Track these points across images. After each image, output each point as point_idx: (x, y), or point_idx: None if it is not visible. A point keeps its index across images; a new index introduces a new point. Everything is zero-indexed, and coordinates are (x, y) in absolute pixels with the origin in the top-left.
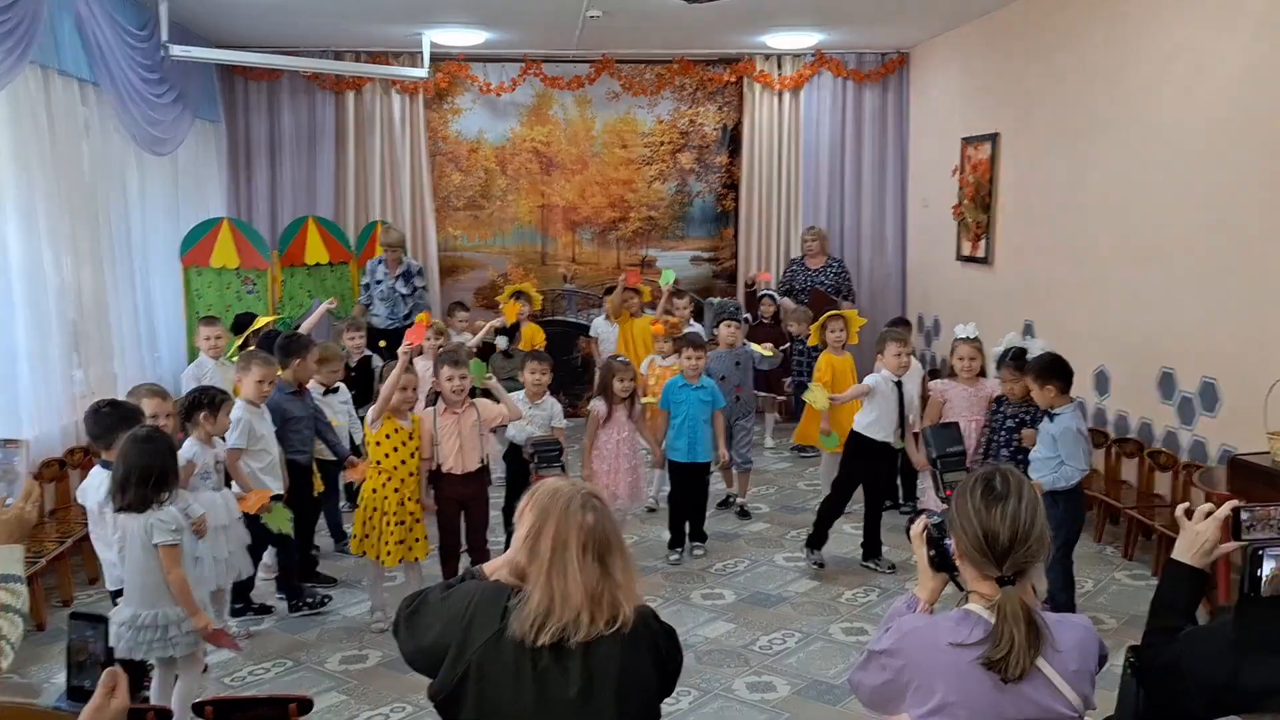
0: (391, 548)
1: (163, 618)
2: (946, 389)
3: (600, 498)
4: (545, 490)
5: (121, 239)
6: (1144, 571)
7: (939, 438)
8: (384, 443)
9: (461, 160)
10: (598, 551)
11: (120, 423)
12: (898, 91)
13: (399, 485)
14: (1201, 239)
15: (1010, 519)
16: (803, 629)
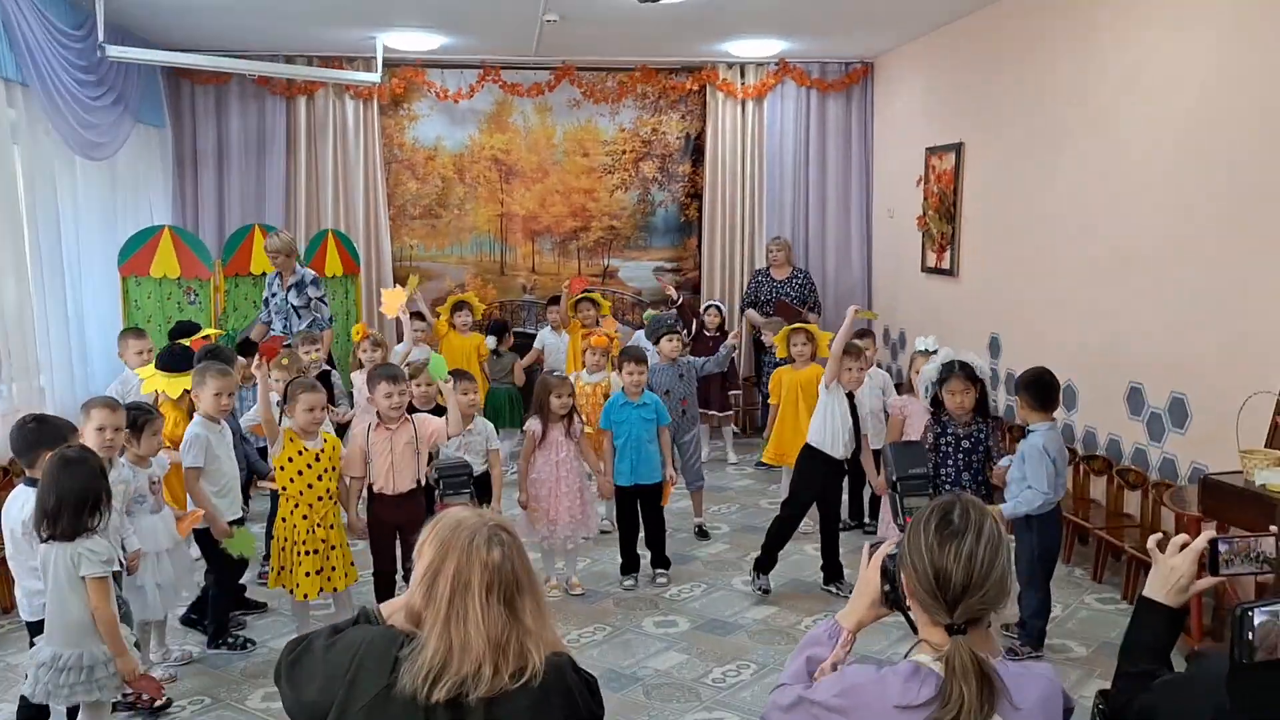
0: (300, 579)
1: (88, 658)
2: (906, 404)
3: (509, 531)
4: (447, 522)
5: (51, 247)
6: (1114, 595)
7: (901, 457)
8: (288, 466)
9: (418, 168)
10: (504, 593)
11: (45, 440)
12: (861, 101)
13: (308, 512)
14: (1170, 251)
15: (965, 559)
16: (758, 659)
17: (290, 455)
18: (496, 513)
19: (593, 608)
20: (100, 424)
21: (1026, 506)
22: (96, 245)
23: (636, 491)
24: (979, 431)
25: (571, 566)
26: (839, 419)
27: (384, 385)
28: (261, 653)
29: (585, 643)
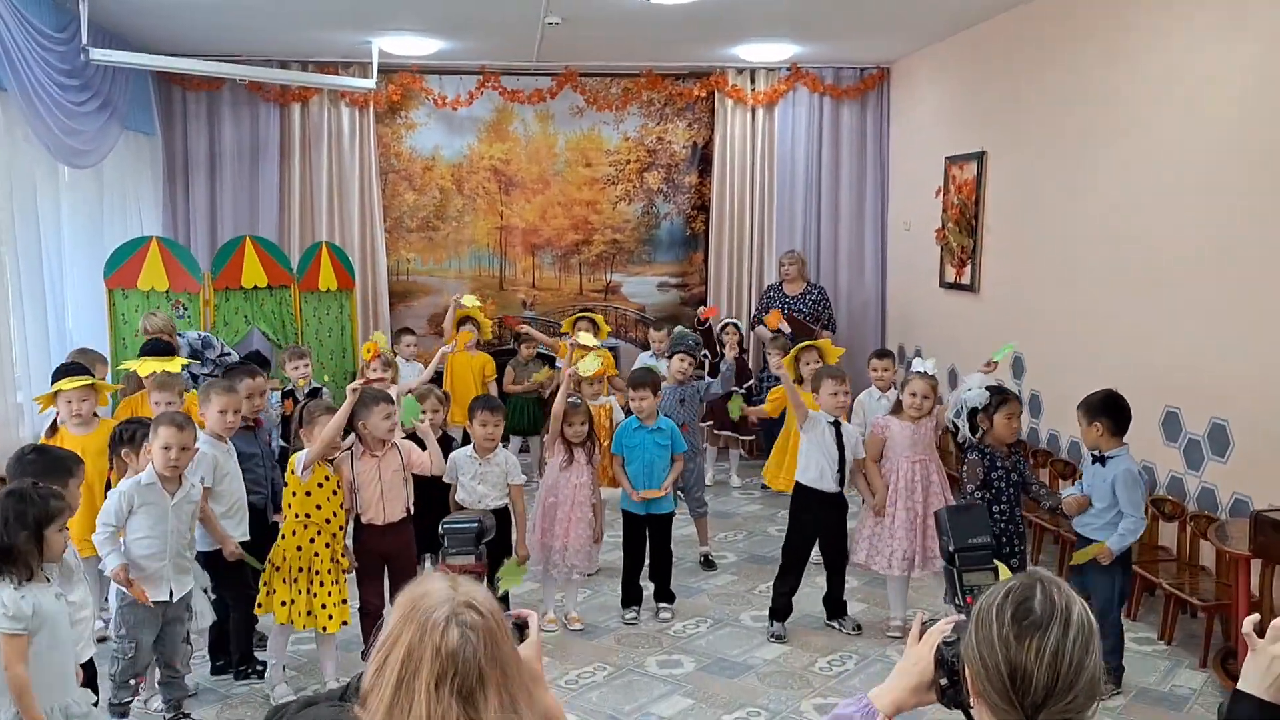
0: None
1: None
2: (889, 424)
3: (480, 610)
4: (416, 589)
5: (31, 257)
6: (1150, 634)
7: (958, 524)
8: (315, 492)
9: (415, 178)
10: (459, 685)
11: (45, 473)
12: (878, 108)
13: (330, 540)
14: (1208, 266)
15: (1051, 656)
16: (770, 706)
17: (319, 480)
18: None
19: (593, 644)
20: (167, 443)
21: (1133, 537)
22: (82, 256)
23: (647, 520)
24: (1019, 462)
25: (571, 599)
26: (824, 452)
27: (383, 406)
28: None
29: (584, 684)
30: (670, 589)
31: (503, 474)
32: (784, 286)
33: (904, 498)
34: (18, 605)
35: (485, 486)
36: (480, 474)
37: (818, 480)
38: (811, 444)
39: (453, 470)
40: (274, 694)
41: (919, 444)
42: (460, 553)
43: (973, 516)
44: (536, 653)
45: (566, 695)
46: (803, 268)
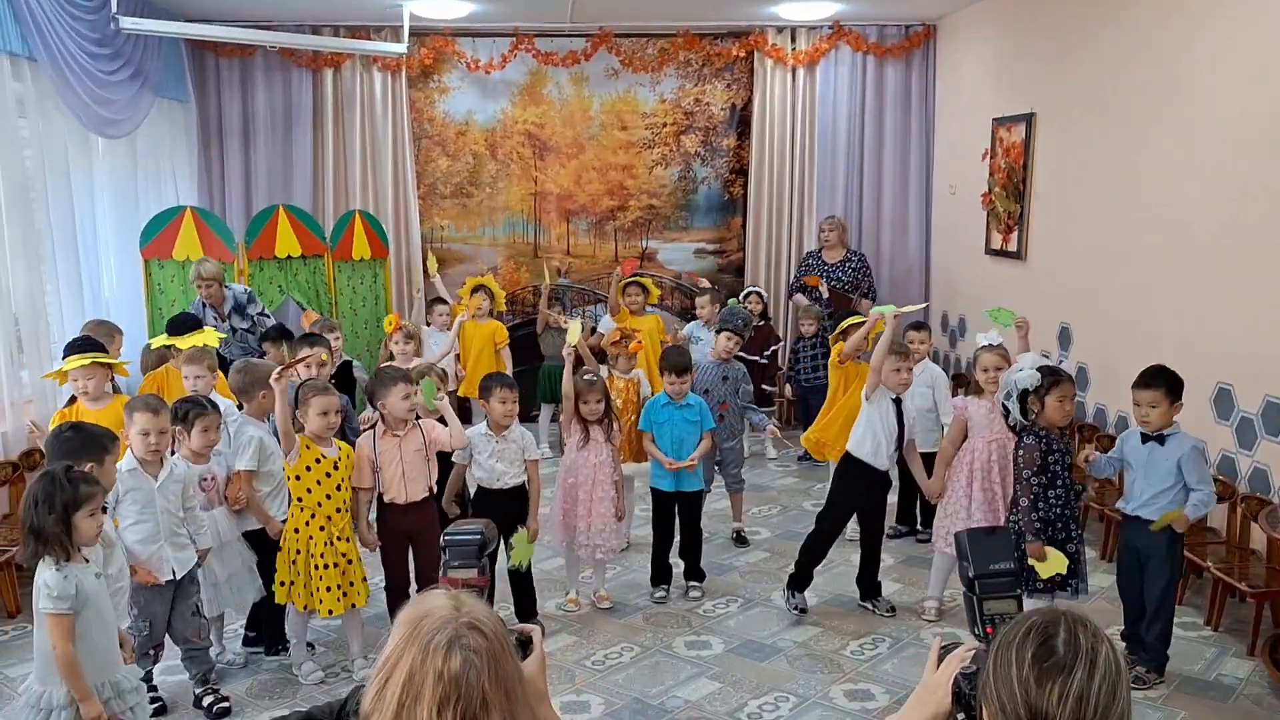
0: (323, 596)
1: (47, 700)
2: (967, 405)
3: (484, 631)
4: (417, 609)
5: (65, 228)
6: (1195, 619)
7: (978, 548)
8: (305, 476)
9: (449, 143)
10: (462, 711)
11: (81, 451)
12: (923, 67)
13: (325, 523)
14: (1268, 238)
15: (1074, 702)
16: (798, 691)
17: (308, 463)
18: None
19: (621, 624)
20: (144, 428)
21: (1206, 509)
22: (118, 226)
23: (676, 498)
24: (1068, 444)
25: (600, 577)
26: (884, 428)
27: (402, 386)
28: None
29: (611, 665)
30: (700, 567)
31: (520, 450)
32: (823, 254)
33: (980, 479)
34: (61, 585)
35: (504, 464)
36: (498, 452)
37: (872, 456)
38: (874, 417)
39: (465, 451)
40: (301, 672)
41: (996, 422)
42: (463, 565)
43: (996, 541)
44: (540, 669)
45: (593, 676)
46: (843, 234)
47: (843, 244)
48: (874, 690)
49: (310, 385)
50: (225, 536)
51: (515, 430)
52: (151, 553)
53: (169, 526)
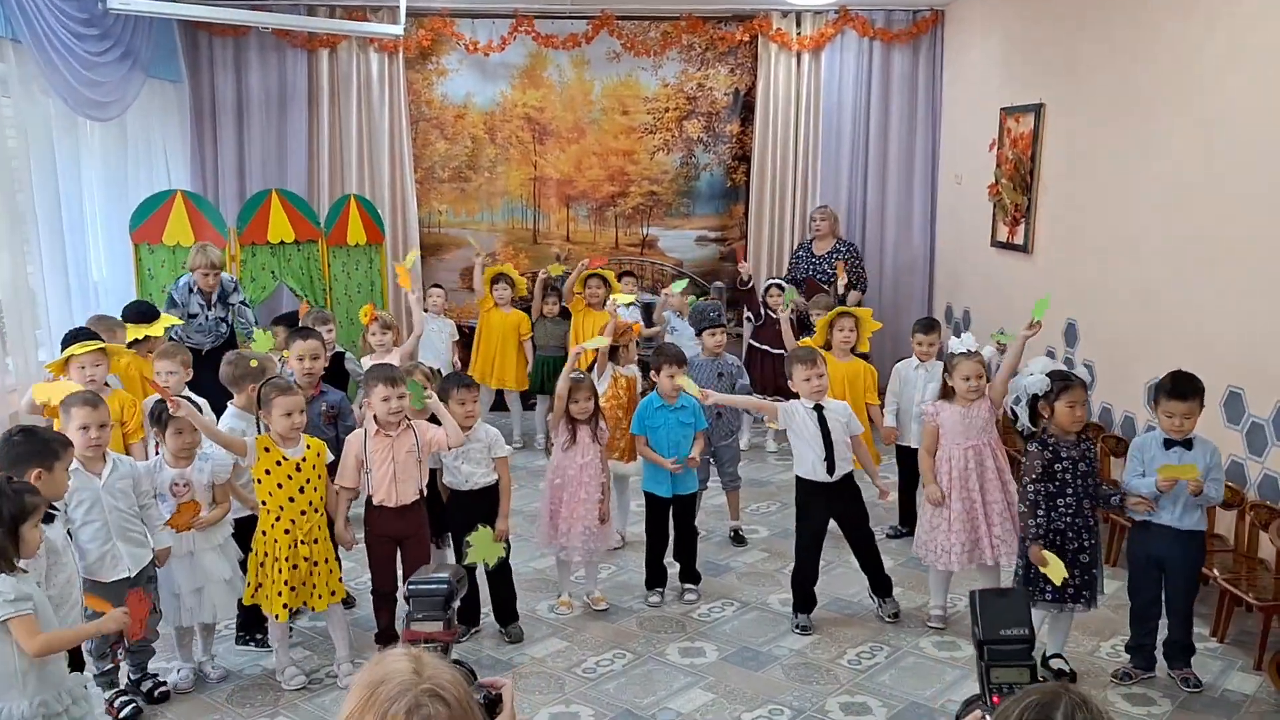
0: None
1: (8, 715)
2: (938, 411)
3: (445, 698)
4: (375, 672)
5: (50, 212)
6: (1201, 630)
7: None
8: (265, 479)
9: (447, 126)
10: None
11: (31, 456)
12: (930, 54)
13: (289, 526)
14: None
15: None
16: (793, 703)
17: (268, 466)
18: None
19: (613, 628)
20: (82, 423)
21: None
22: (107, 209)
23: (672, 501)
24: (1090, 451)
25: (592, 579)
26: (808, 440)
27: (380, 388)
28: (251, 673)
29: (602, 673)
30: (696, 569)
31: (486, 448)
32: (813, 245)
33: (958, 487)
34: (16, 586)
35: (470, 465)
36: (463, 453)
37: (811, 472)
38: (795, 436)
39: (434, 454)
40: (283, 677)
41: (972, 428)
42: (428, 618)
43: (1010, 603)
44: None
45: (583, 685)
46: (834, 224)
47: (833, 234)
48: (871, 704)
49: (274, 384)
50: (194, 547)
51: (480, 430)
52: (104, 551)
53: (120, 524)
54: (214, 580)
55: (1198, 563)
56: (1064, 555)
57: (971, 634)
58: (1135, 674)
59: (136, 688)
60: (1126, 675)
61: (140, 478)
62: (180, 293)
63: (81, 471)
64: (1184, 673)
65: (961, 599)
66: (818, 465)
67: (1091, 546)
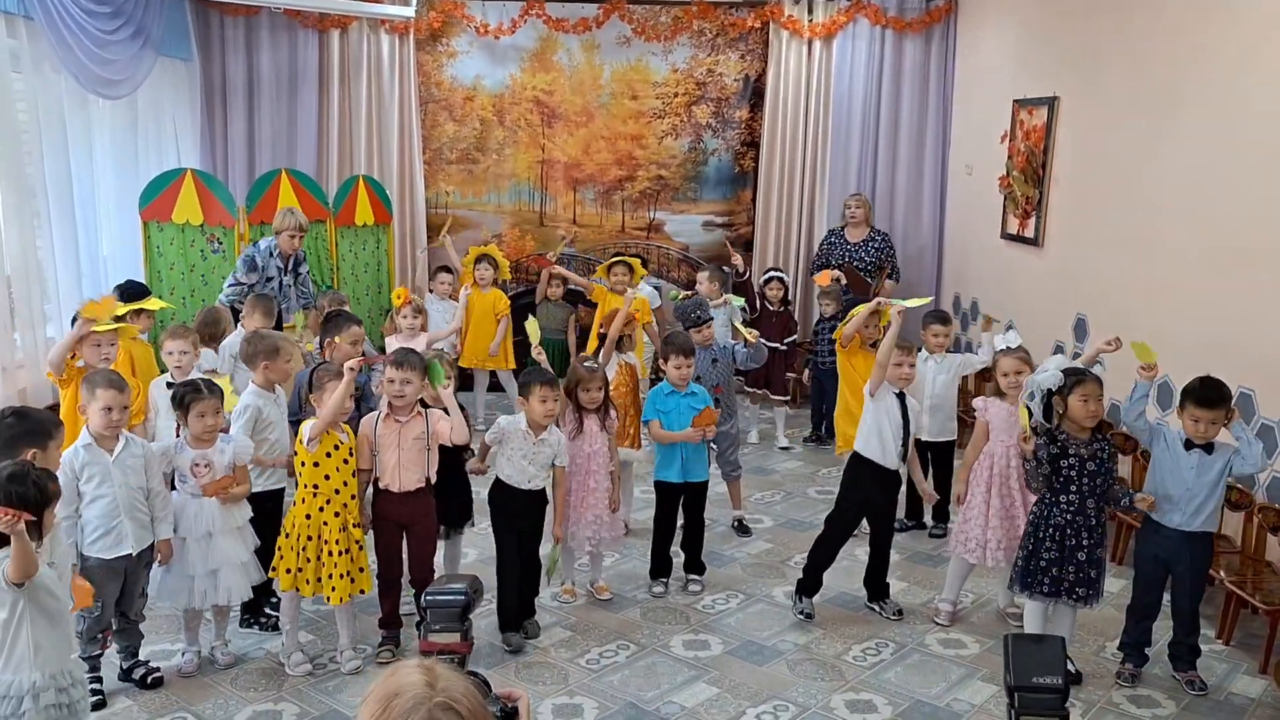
0: (335, 583)
1: (17, 688)
2: (988, 406)
3: (459, 712)
4: (390, 685)
5: (61, 190)
6: (1207, 631)
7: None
8: (324, 462)
9: (456, 108)
10: None
11: (24, 437)
12: (942, 43)
13: (340, 509)
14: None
15: None
16: (798, 700)
17: (327, 450)
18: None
19: (617, 618)
20: (107, 404)
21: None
22: (117, 186)
23: (684, 489)
24: (1102, 451)
25: (597, 568)
26: (890, 425)
27: (390, 370)
28: (256, 657)
29: (605, 664)
30: (701, 560)
31: (552, 454)
32: (846, 232)
33: (999, 484)
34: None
35: (535, 467)
36: (532, 454)
37: (880, 455)
38: (879, 414)
39: (498, 435)
40: (289, 662)
41: (1016, 426)
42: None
43: (1044, 650)
44: None
45: (586, 677)
46: (868, 212)
47: (867, 222)
48: (876, 701)
49: (326, 369)
50: (213, 528)
51: (553, 434)
52: (111, 527)
53: (129, 501)
54: (231, 563)
55: (1205, 565)
56: (1063, 551)
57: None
58: (1130, 670)
59: (128, 675)
60: (1133, 677)
61: (152, 459)
62: (261, 255)
63: (94, 447)
64: (1189, 675)
65: (969, 594)
66: (887, 450)
67: (1091, 545)
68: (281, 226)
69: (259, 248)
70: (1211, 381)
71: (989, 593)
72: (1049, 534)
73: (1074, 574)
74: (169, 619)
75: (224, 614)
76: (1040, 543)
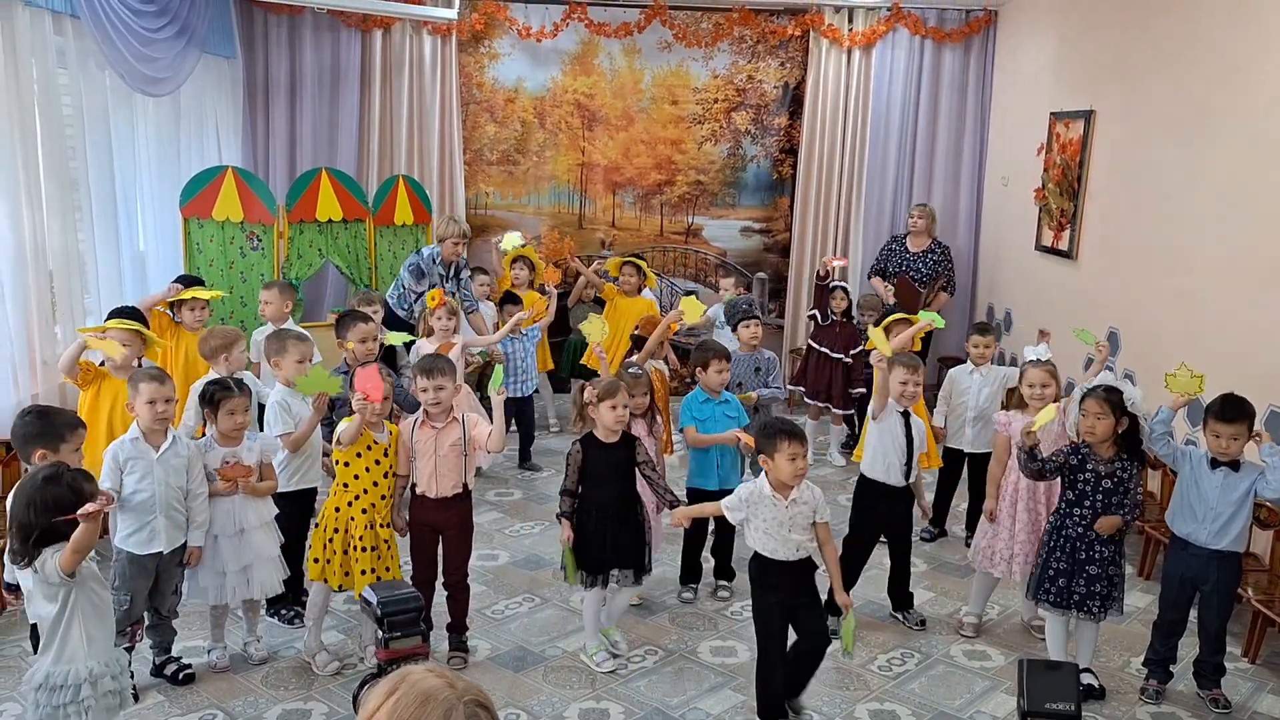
0: (358, 578)
1: (74, 676)
2: (1010, 421)
3: (488, 706)
4: (410, 692)
5: (104, 185)
6: (1233, 650)
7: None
8: (354, 462)
9: (497, 110)
10: None
11: (37, 438)
12: (981, 54)
13: (368, 507)
14: None
15: None
16: (823, 709)
17: (360, 449)
18: (846, 603)
19: (646, 624)
20: (150, 397)
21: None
22: (159, 182)
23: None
24: (1122, 471)
25: None
26: (894, 446)
27: (420, 380)
28: (288, 655)
29: (633, 669)
30: (731, 565)
31: (811, 512)
32: (908, 241)
33: (1025, 499)
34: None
35: (799, 533)
36: (789, 520)
37: (885, 475)
38: (882, 434)
39: (739, 510)
40: (315, 662)
41: (1043, 439)
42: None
43: (1059, 677)
44: None
45: (613, 682)
46: (931, 223)
47: (929, 233)
48: (900, 712)
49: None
50: (245, 524)
51: (806, 489)
52: (146, 522)
53: (167, 499)
54: (262, 558)
55: (1233, 584)
56: (1073, 564)
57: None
58: (1155, 687)
59: (160, 671)
60: (1157, 694)
61: (195, 459)
62: (426, 262)
63: (141, 442)
64: (1214, 693)
65: (995, 607)
66: (891, 470)
67: (1103, 559)
68: (445, 234)
69: (423, 255)
70: (1232, 399)
71: (1014, 605)
72: (1060, 544)
73: (1084, 587)
74: (202, 615)
75: (255, 609)
76: (1052, 552)
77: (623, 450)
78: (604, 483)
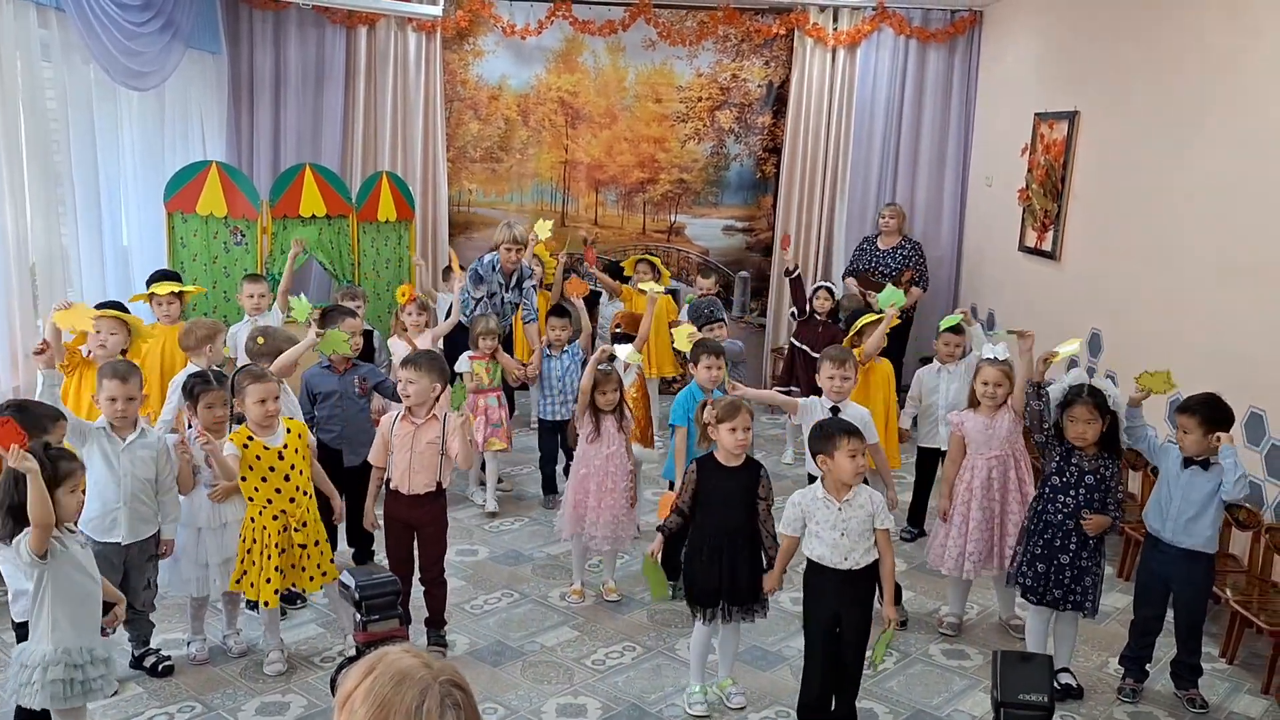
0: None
1: (80, 655)
2: (963, 420)
3: (464, 687)
4: (387, 672)
5: (87, 179)
6: (1210, 650)
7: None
8: (249, 476)
9: (481, 107)
10: None
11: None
12: (966, 54)
13: (278, 514)
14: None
15: None
16: None
17: (250, 462)
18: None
19: (624, 620)
20: (111, 395)
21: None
22: (142, 178)
23: None
24: (1105, 468)
25: (611, 568)
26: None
27: (403, 372)
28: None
29: (611, 665)
30: None
31: (869, 516)
32: (878, 240)
33: (979, 498)
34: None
35: (851, 539)
36: (842, 523)
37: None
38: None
39: (796, 520)
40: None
41: (995, 438)
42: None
43: (1031, 669)
44: None
45: (591, 677)
46: (902, 222)
47: (899, 231)
48: (877, 710)
49: (247, 371)
50: (228, 518)
51: (863, 493)
52: (107, 511)
53: (132, 489)
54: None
55: (1204, 585)
56: (1049, 551)
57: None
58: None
59: (139, 663)
60: (1134, 692)
61: (165, 454)
62: (485, 269)
63: (107, 431)
64: (1190, 693)
65: (974, 606)
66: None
67: (1076, 551)
68: (497, 240)
69: (482, 261)
70: (1197, 395)
71: (993, 605)
72: (1039, 529)
73: (1056, 577)
74: (181, 608)
75: (235, 602)
76: (1031, 535)
77: (745, 475)
78: (720, 509)
